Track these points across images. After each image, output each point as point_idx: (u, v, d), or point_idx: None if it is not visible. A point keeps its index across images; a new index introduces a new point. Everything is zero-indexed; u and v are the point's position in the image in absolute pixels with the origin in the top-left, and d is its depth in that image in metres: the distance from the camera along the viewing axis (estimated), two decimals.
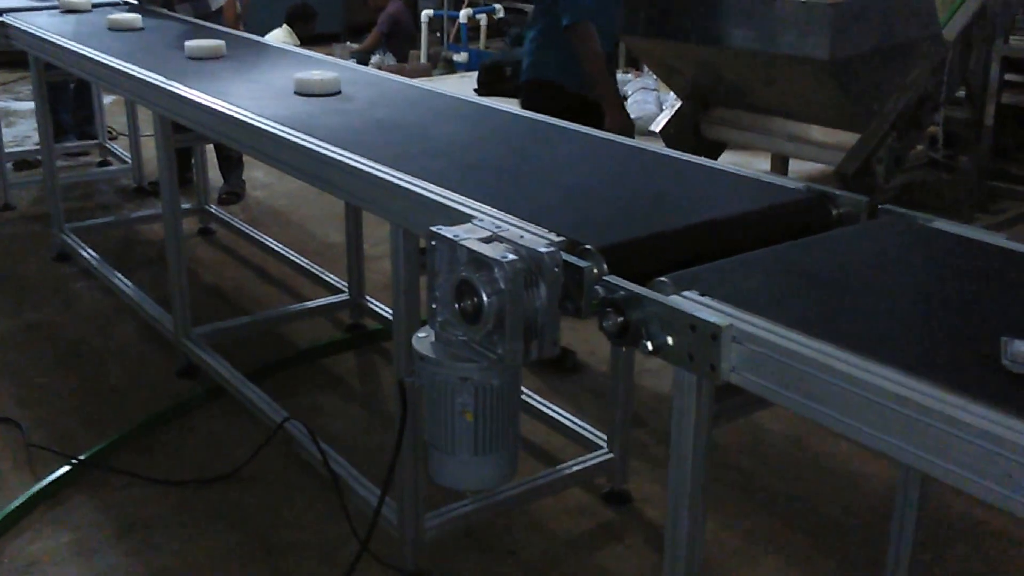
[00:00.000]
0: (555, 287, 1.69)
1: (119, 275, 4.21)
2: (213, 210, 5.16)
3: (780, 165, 4.71)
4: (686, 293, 1.61)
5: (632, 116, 5.84)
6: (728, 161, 4.59)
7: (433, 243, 1.79)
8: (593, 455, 2.90)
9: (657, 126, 4.40)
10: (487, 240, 1.75)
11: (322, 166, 2.38)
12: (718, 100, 4.27)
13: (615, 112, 3.56)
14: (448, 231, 1.77)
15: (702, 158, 2.42)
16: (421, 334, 1.85)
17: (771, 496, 2.98)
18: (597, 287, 1.66)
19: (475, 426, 1.79)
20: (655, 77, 5.91)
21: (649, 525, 2.82)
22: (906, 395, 1.29)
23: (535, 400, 3.17)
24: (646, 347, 1.59)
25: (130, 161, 5.86)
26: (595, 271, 1.70)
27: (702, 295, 1.60)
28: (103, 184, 5.97)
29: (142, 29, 4.26)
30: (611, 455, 2.89)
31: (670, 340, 1.56)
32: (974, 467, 1.23)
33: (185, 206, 5.21)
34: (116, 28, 4.23)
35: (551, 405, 3.16)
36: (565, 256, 1.70)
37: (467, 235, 1.75)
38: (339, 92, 2.98)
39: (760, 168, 4.62)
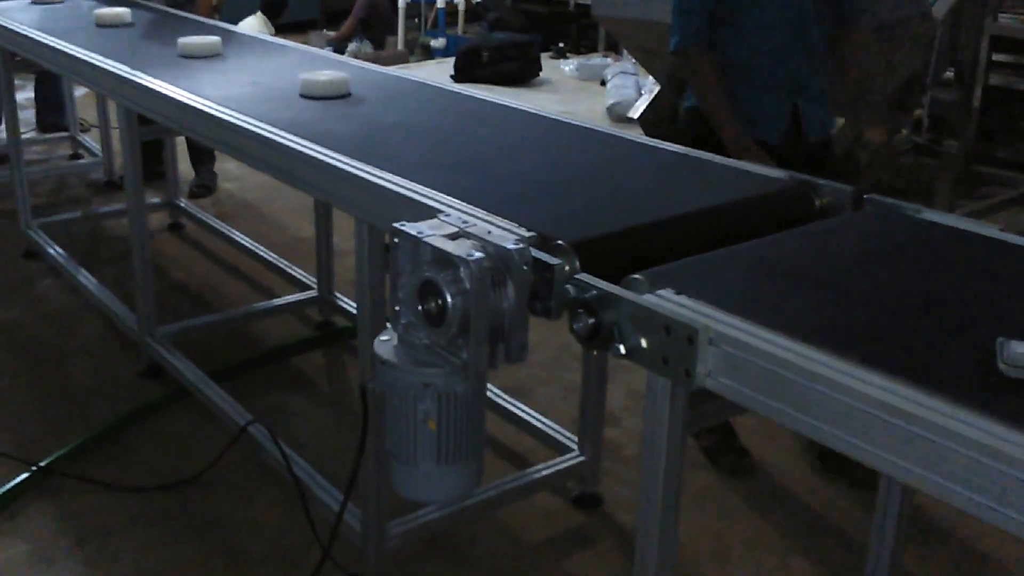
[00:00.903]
0: (524, 286, 1.60)
1: (84, 272, 4.09)
2: (183, 205, 5.03)
3: None
4: (661, 292, 1.52)
5: (611, 101, 5.76)
6: None
7: (396, 240, 1.69)
8: (563, 458, 2.80)
9: (635, 113, 4.30)
10: (453, 237, 1.65)
11: (284, 158, 2.27)
12: None
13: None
14: (412, 227, 1.67)
15: (679, 146, 2.33)
16: (383, 337, 1.75)
17: (746, 495, 2.90)
18: (568, 286, 1.57)
19: (438, 435, 1.69)
20: (634, 61, 5.79)
21: (620, 529, 2.73)
22: (893, 403, 1.20)
23: (504, 400, 3.07)
24: (618, 350, 1.50)
25: (100, 154, 5.73)
26: (567, 269, 1.61)
27: (678, 294, 1.51)
28: (73, 177, 5.83)
29: (131, 25, 3.99)
30: (582, 458, 2.79)
31: (644, 342, 1.47)
32: (966, 481, 1.15)
33: (155, 200, 5.10)
34: (104, 24, 3.94)
35: (521, 405, 3.06)
36: (535, 253, 1.60)
37: (432, 231, 1.65)
38: (348, 94, 2.76)
39: None
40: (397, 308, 1.70)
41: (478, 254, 1.55)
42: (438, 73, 6.64)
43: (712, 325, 1.40)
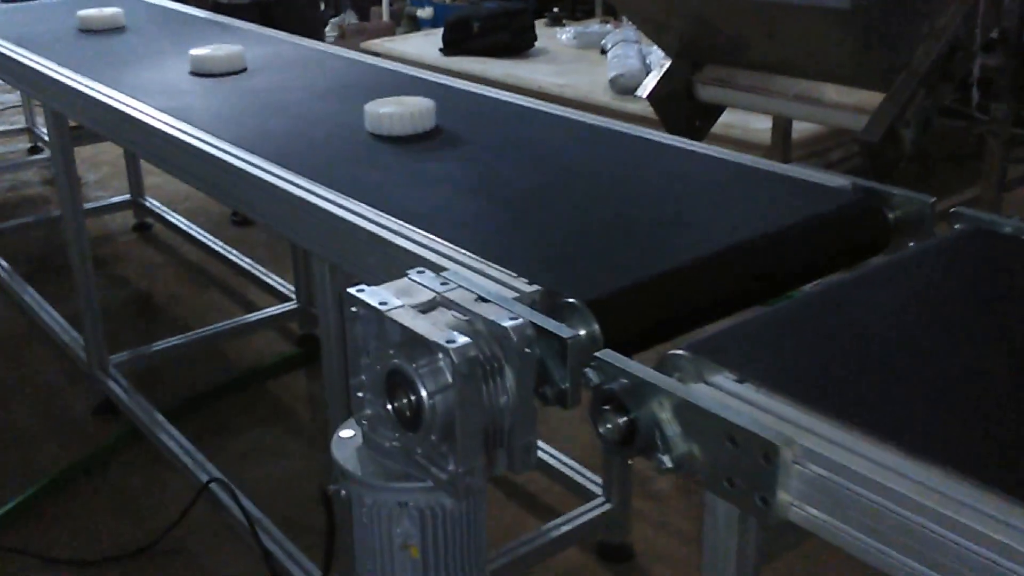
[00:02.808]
0: (527, 374, 1.17)
1: (31, 290, 3.67)
2: (148, 203, 4.59)
3: (782, 125, 4.17)
4: (716, 378, 1.10)
5: (613, 73, 5.29)
6: (726, 121, 4.06)
7: (353, 309, 1.26)
8: (587, 507, 2.41)
9: (645, 91, 3.84)
10: (426, 308, 1.22)
11: (220, 173, 1.83)
12: (713, 57, 3.72)
13: None
14: (371, 295, 1.23)
15: (709, 146, 1.90)
16: (343, 433, 1.33)
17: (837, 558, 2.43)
18: (588, 370, 1.15)
19: (424, 565, 1.27)
20: (635, 26, 5.35)
21: None
22: None
23: None
24: (663, 463, 1.07)
25: None
26: (584, 338, 1.20)
27: (740, 381, 1.09)
28: (30, 173, 5.38)
29: (124, 28, 3.10)
30: (608, 505, 2.39)
31: (696, 451, 1.05)
32: None
33: (118, 199, 4.69)
34: (89, 29, 3.08)
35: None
36: (541, 321, 1.18)
37: (399, 301, 1.23)
38: (436, 129, 1.93)
39: (759, 128, 4.11)
40: (360, 395, 1.28)
41: (462, 338, 1.13)
42: (426, 46, 6.17)
43: (798, 437, 0.99)
